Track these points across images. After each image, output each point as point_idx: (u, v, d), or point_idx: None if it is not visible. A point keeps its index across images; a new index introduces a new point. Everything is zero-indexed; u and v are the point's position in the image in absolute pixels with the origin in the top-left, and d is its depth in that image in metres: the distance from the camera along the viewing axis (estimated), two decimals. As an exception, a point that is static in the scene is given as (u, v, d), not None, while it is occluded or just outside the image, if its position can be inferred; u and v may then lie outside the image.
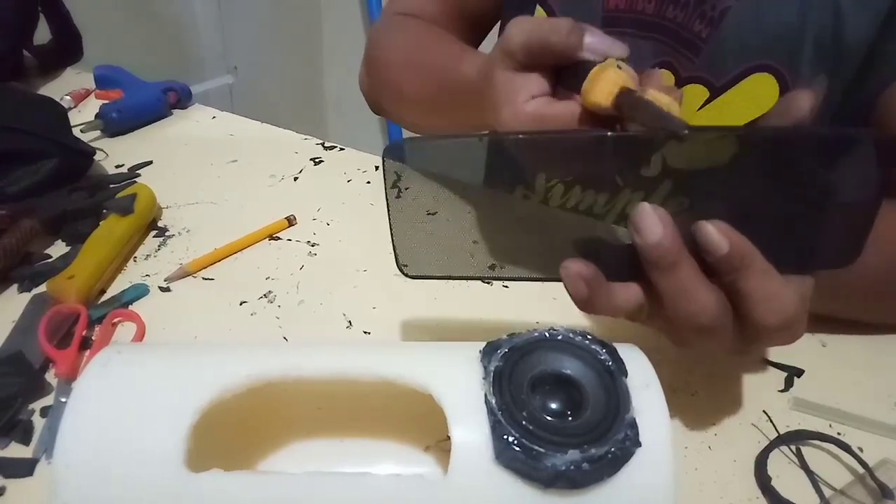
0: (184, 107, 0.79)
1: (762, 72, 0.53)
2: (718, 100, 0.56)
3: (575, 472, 0.23)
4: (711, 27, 0.53)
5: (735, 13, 0.52)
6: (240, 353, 0.29)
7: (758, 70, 0.53)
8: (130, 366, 0.28)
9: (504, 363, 0.26)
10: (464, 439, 0.24)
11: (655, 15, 0.57)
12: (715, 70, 0.55)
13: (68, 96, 0.79)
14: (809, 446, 0.37)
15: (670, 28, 0.56)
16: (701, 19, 0.54)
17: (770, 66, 0.53)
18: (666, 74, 0.58)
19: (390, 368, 0.27)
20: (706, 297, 0.28)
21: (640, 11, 0.57)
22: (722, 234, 0.27)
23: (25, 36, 0.85)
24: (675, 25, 0.56)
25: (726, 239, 0.27)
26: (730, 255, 0.27)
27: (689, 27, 0.55)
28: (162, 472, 0.24)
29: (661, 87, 0.31)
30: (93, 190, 0.59)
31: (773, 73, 0.53)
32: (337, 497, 0.25)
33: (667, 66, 0.58)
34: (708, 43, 0.54)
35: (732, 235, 0.27)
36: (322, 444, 0.32)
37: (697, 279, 0.28)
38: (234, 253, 0.52)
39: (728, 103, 0.55)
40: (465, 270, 0.32)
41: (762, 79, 0.53)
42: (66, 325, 0.43)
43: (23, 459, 0.35)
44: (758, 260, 0.28)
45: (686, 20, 0.55)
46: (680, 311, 0.28)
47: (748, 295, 0.28)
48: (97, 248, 0.49)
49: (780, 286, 0.28)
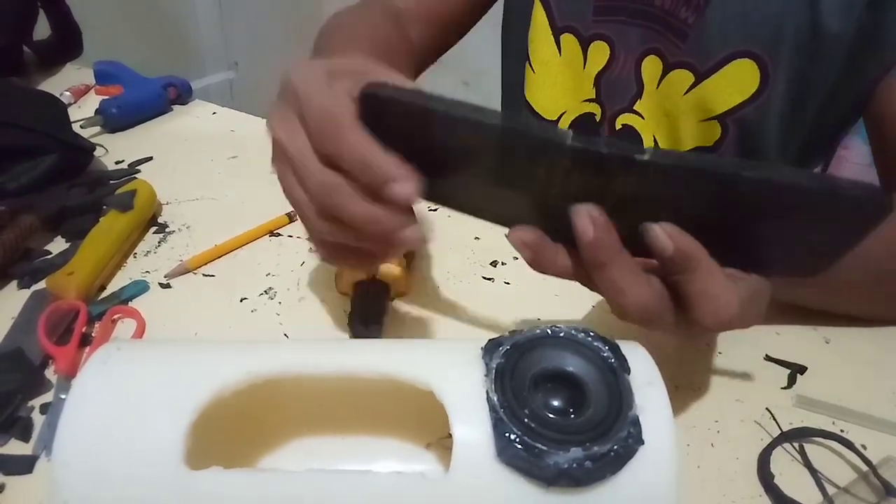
0: (184, 102, 0.79)
1: (744, 58, 0.56)
2: (703, 84, 0.58)
3: (577, 470, 0.23)
4: (697, 14, 0.56)
5: (720, 1, 0.55)
6: (240, 350, 0.29)
7: (740, 56, 0.56)
8: (130, 363, 0.28)
9: (506, 360, 0.26)
10: (465, 437, 0.24)
11: (643, 2, 0.59)
12: (700, 56, 0.57)
13: (68, 92, 0.78)
14: (812, 444, 0.37)
15: (658, 15, 0.59)
16: (687, 6, 0.57)
17: (752, 53, 0.55)
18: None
19: (391, 366, 0.27)
20: (639, 292, 0.29)
21: (630, 0, 0.60)
22: (668, 236, 0.28)
23: (25, 31, 0.85)
24: (663, 13, 0.58)
25: (671, 242, 0.28)
26: (673, 258, 0.28)
27: (676, 14, 0.58)
28: (161, 469, 0.24)
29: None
30: (92, 186, 0.58)
31: (754, 60, 0.55)
32: (338, 495, 0.25)
33: (655, 52, 0.61)
34: (694, 29, 0.57)
35: (679, 238, 0.28)
36: (323, 441, 0.32)
37: (631, 276, 0.29)
38: (235, 249, 0.52)
39: (711, 88, 0.58)
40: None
41: (744, 64, 0.56)
42: (65, 322, 0.43)
43: (22, 456, 0.35)
44: (703, 262, 0.28)
45: (673, 8, 0.58)
46: (613, 303, 0.29)
47: (688, 295, 0.29)
48: (97, 245, 0.49)
49: (721, 289, 0.29)
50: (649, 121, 0.64)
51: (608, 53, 0.63)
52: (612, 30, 0.62)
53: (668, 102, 0.61)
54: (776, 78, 0.55)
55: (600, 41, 0.62)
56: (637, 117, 0.64)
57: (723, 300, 0.29)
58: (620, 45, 0.62)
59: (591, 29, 0.62)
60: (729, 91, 0.57)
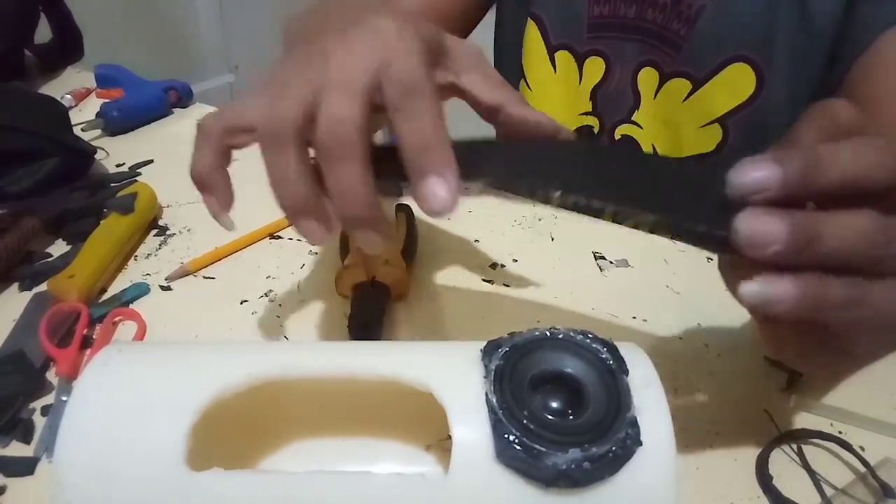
0: (185, 105, 0.79)
1: (739, 62, 0.57)
2: (700, 91, 0.59)
3: (576, 471, 0.23)
4: (689, 25, 0.57)
5: (709, 11, 0.56)
6: (240, 352, 0.29)
7: (735, 61, 0.57)
8: (131, 365, 0.28)
9: (505, 362, 0.26)
10: (464, 438, 0.24)
11: (637, 18, 0.60)
12: (695, 64, 0.58)
13: (69, 95, 0.79)
14: (811, 445, 0.37)
15: (651, 29, 0.60)
16: (678, 19, 0.58)
17: (746, 57, 0.56)
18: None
19: (391, 367, 0.27)
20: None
21: (622, 16, 0.61)
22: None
23: (26, 35, 0.85)
24: (656, 26, 0.59)
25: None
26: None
27: (669, 26, 0.59)
28: (163, 470, 0.24)
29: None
30: (93, 189, 0.59)
31: (748, 63, 0.56)
32: (338, 496, 0.25)
33: (651, 64, 0.62)
34: (686, 40, 0.58)
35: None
36: (323, 443, 0.32)
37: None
38: (235, 252, 0.52)
39: (709, 94, 0.59)
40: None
41: (739, 69, 0.57)
42: (66, 324, 0.43)
43: (24, 458, 0.35)
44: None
45: (665, 21, 0.59)
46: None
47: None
48: (98, 247, 0.49)
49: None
50: (648, 130, 0.64)
51: (603, 68, 0.63)
52: (607, 45, 0.62)
53: (666, 111, 0.62)
54: (772, 78, 0.55)
55: (595, 56, 0.63)
56: (636, 127, 0.65)
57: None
58: (615, 60, 0.63)
59: (585, 45, 0.63)
60: (726, 95, 0.58)
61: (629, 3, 0.60)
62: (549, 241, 0.54)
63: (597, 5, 0.61)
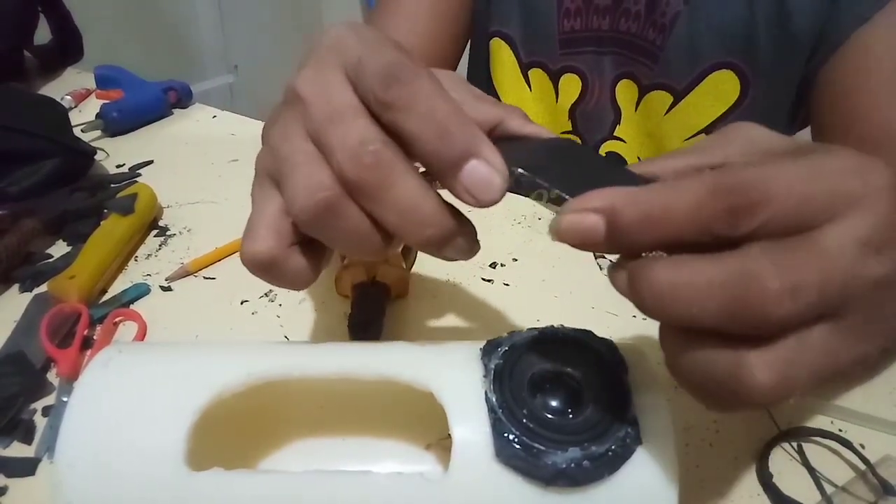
0: (184, 106, 0.79)
1: (721, 69, 0.55)
2: (683, 102, 0.57)
3: (575, 470, 0.23)
4: (664, 34, 0.56)
5: (685, 17, 0.54)
6: (241, 352, 0.29)
7: (717, 68, 0.55)
8: (132, 365, 0.28)
9: (504, 361, 0.26)
10: (464, 437, 0.24)
11: (610, 29, 0.59)
12: (674, 75, 0.57)
13: (69, 96, 0.79)
14: (811, 443, 0.37)
15: (626, 40, 0.58)
16: (653, 27, 0.56)
17: (729, 63, 0.55)
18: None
19: (391, 367, 0.27)
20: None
21: (596, 28, 0.59)
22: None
23: (26, 36, 0.85)
24: (630, 37, 0.58)
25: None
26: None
27: (644, 36, 0.57)
28: (163, 470, 0.24)
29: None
30: (93, 190, 0.59)
31: (732, 69, 0.55)
32: (338, 495, 0.25)
33: (629, 76, 0.60)
34: (663, 49, 0.56)
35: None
36: (323, 442, 0.32)
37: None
38: (235, 252, 0.52)
39: (693, 104, 0.57)
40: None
41: (722, 76, 0.55)
42: (67, 325, 0.43)
43: (25, 459, 0.35)
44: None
45: (640, 30, 0.57)
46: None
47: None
48: (98, 248, 0.49)
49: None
50: (632, 143, 0.63)
51: (580, 85, 0.62)
52: (582, 61, 0.61)
53: (649, 124, 0.61)
54: (756, 81, 0.54)
55: (571, 73, 0.62)
56: (619, 142, 0.64)
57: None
58: (592, 75, 0.61)
59: (559, 62, 0.62)
60: (710, 103, 0.56)
61: (602, 14, 0.58)
62: (549, 241, 0.54)
63: (567, 19, 0.60)
